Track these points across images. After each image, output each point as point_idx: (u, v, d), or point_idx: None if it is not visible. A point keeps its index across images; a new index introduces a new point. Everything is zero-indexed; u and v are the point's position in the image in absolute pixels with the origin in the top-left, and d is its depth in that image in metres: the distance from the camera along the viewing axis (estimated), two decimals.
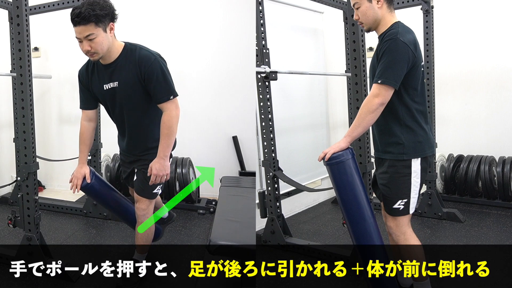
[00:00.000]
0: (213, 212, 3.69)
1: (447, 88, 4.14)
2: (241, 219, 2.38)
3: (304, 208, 4.11)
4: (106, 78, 2.17)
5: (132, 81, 2.13)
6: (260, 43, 2.87)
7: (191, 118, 4.11)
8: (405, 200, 1.97)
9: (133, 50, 2.14)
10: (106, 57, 2.12)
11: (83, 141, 2.34)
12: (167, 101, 2.12)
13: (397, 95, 1.90)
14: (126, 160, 2.44)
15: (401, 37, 1.84)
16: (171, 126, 2.13)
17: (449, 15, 4.06)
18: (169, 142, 2.16)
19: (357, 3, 1.97)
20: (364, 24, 2.01)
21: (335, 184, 1.95)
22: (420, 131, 1.95)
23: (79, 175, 2.29)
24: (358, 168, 1.94)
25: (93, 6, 1.97)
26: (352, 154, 1.91)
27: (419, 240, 2.05)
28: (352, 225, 1.96)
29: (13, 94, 3.81)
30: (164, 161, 2.17)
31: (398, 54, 1.83)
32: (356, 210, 1.93)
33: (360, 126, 1.88)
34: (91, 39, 2.00)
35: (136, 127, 2.26)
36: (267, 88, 2.94)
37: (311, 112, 4.39)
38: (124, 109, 2.22)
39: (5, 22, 3.64)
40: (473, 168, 3.86)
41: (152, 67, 2.09)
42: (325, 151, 1.91)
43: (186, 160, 3.95)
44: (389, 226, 2.05)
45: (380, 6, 1.95)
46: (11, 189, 4.19)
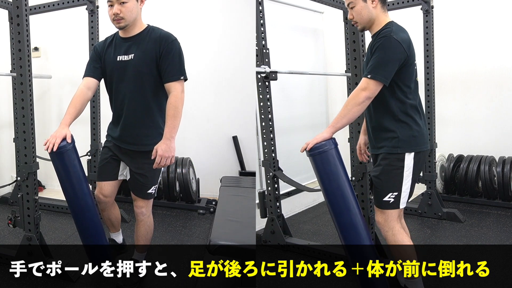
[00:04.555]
0: (213, 212, 3.69)
1: (447, 88, 4.14)
2: (241, 219, 2.38)
3: (304, 208, 4.11)
4: (122, 50, 2.17)
5: (148, 56, 2.12)
6: (260, 43, 2.87)
7: (191, 118, 4.10)
8: (396, 193, 1.98)
9: (156, 30, 2.19)
10: (129, 29, 2.14)
11: (74, 104, 2.14)
12: (176, 81, 2.11)
13: (391, 92, 1.93)
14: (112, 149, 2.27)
15: (394, 35, 1.88)
16: (177, 106, 2.09)
17: (449, 15, 4.06)
18: (175, 123, 2.08)
19: (352, 2, 2.00)
20: (358, 23, 2.04)
21: (318, 176, 1.94)
22: (414, 125, 1.97)
23: (59, 134, 2.04)
24: (341, 158, 1.94)
25: None
26: (335, 144, 1.91)
27: (408, 237, 2.05)
28: (336, 217, 1.94)
29: (13, 94, 3.82)
30: (171, 142, 2.08)
31: (390, 51, 1.86)
32: (341, 200, 1.91)
33: (345, 117, 1.90)
34: (123, 2, 2.05)
35: (136, 107, 2.17)
36: (267, 88, 2.94)
37: (311, 112, 4.39)
38: (129, 84, 2.15)
39: (5, 22, 3.64)
40: (473, 168, 3.86)
41: (172, 45, 2.12)
42: (308, 142, 1.91)
43: (186, 160, 3.95)
44: (378, 221, 2.06)
45: (375, 6, 1.98)
46: (11, 189, 4.19)
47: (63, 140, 2.04)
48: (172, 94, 2.10)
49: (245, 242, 2.02)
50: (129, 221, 3.43)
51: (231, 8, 4.11)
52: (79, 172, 2.14)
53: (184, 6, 4.19)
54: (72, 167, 2.11)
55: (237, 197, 2.87)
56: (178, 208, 3.86)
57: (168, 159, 2.07)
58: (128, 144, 2.23)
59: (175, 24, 4.17)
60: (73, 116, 2.13)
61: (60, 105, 4.58)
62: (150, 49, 2.12)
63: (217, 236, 2.04)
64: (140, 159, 2.23)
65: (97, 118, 3.63)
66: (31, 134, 2.45)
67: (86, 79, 2.22)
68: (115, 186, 2.34)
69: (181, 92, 2.11)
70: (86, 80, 2.21)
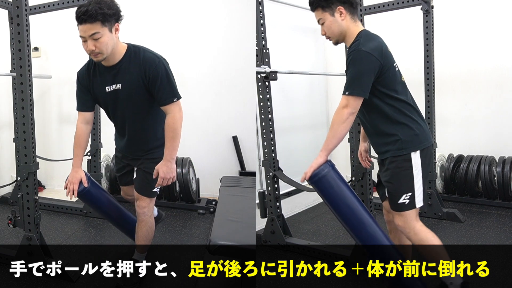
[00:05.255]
0: (213, 212, 3.69)
1: (447, 88, 4.14)
2: (241, 219, 2.38)
3: (304, 208, 4.11)
4: (108, 80, 2.15)
5: (136, 84, 2.11)
6: (260, 43, 2.87)
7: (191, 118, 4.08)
8: (410, 194, 1.96)
9: (137, 52, 2.12)
10: (110, 59, 2.09)
11: (79, 145, 2.28)
12: (171, 103, 2.12)
13: (379, 99, 1.94)
14: (123, 159, 2.43)
15: (362, 47, 1.87)
16: (175, 128, 2.13)
17: (449, 15, 4.05)
18: (175, 145, 2.15)
19: (321, 18, 2.03)
20: (331, 38, 2.05)
21: (325, 199, 1.96)
22: (414, 124, 1.97)
23: (75, 179, 2.22)
24: (341, 176, 1.95)
25: (101, 4, 1.95)
26: (331, 165, 1.93)
27: (431, 233, 2.02)
28: (356, 234, 1.96)
29: (13, 94, 3.81)
30: (171, 163, 2.17)
31: (362, 64, 1.86)
32: (354, 218, 1.93)
33: (334, 137, 1.91)
34: (96, 38, 1.98)
35: (137, 129, 2.26)
36: (267, 88, 2.94)
37: (311, 112, 4.39)
38: (126, 111, 2.21)
39: (5, 22, 3.64)
40: (473, 168, 3.86)
41: (157, 69, 2.08)
42: (305, 171, 1.92)
43: (186, 160, 3.95)
44: (397, 224, 2.03)
45: (344, 18, 1.98)
46: (11, 189, 4.19)
47: (80, 183, 2.23)
48: (169, 116, 2.14)
49: (245, 242, 2.02)
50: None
51: (231, 8, 4.11)
52: (105, 197, 2.47)
53: (184, 6, 4.18)
54: (97, 200, 2.42)
55: (237, 197, 2.87)
56: (178, 208, 3.86)
57: (170, 179, 2.19)
58: (134, 154, 2.35)
59: (175, 24, 4.20)
60: (81, 157, 2.30)
61: (60, 105, 4.58)
62: (135, 76, 2.11)
63: (217, 236, 2.05)
64: (147, 161, 2.31)
65: (97, 119, 3.63)
66: (31, 134, 2.45)
67: (81, 114, 2.28)
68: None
69: (178, 112, 2.14)
70: (81, 116, 2.28)
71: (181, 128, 2.16)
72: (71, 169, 2.27)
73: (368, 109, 1.98)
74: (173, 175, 2.19)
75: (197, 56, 4.20)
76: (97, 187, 2.43)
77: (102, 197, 2.45)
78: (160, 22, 4.20)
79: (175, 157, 2.18)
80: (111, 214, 2.56)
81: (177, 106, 2.14)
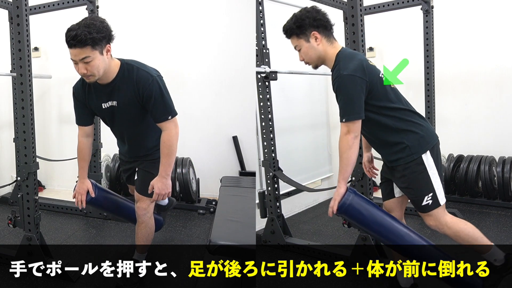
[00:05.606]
0: (213, 212, 3.69)
1: (447, 88, 4.14)
2: (241, 219, 2.38)
3: (304, 208, 4.11)
4: (104, 97, 2.17)
5: (131, 101, 2.13)
6: (260, 43, 2.87)
7: (191, 118, 4.11)
8: (431, 194, 1.97)
9: (131, 70, 2.11)
10: (103, 78, 2.09)
11: (82, 158, 2.35)
12: (166, 121, 2.13)
13: (376, 113, 1.94)
14: (126, 161, 2.48)
15: (344, 71, 1.87)
16: (171, 145, 2.15)
17: (449, 15, 4.05)
18: (170, 161, 2.18)
19: (297, 45, 2.04)
20: (309, 63, 2.06)
21: (359, 224, 2.00)
22: (417, 127, 1.97)
23: (82, 191, 2.32)
24: (364, 197, 1.98)
25: (90, 28, 1.92)
26: (352, 191, 1.94)
27: (463, 222, 2.05)
28: (400, 249, 1.99)
29: (13, 94, 3.81)
30: (166, 180, 2.20)
31: (348, 89, 1.87)
32: (391, 234, 1.96)
33: (348, 165, 1.91)
34: (87, 62, 1.96)
35: (135, 136, 2.30)
36: (267, 88, 2.94)
37: (311, 112, 4.39)
38: (123, 123, 2.25)
39: (5, 22, 3.63)
40: (473, 168, 3.86)
41: (151, 88, 2.07)
42: (330, 205, 1.92)
43: (186, 160, 3.95)
44: (429, 225, 2.04)
45: (319, 43, 1.99)
46: (11, 189, 4.19)
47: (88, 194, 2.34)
48: (165, 133, 2.15)
49: (245, 242, 2.02)
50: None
51: (231, 8, 4.11)
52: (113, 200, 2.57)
53: (184, 6, 4.18)
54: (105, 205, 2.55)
55: (237, 197, 2.87)
56: (178, 208, 3.85)
57: (165, 195, 2.24)
58: (136, 157, 2.40)
59: (176, 24, 4.20)
60: (86, 169, 2.37)
61: (60, 105, 4.58)
62: (130, 94, 2.11)
63: (217, 236, 2.05)
64: (147, 162, 2.36)
65: (97, 119, 3.62)
66: (31, 134, 2.45)
67: (81, 128, 2.32)
68: None
69: (174, 128, 2.15)
70: (81, 130, 2.32)
71: (176, 145, 2.18)
72: (78, 180, 2.35)
73: (369, 125, 1.98)
74: (168, 191, 2.23)
75: (197, 56, 4.20)
76: (104, 192, 2.52)
77: (110, 201, 2.55)
78: (160, 22, 4.20)
79: (170, 173, 2.22)
80: (121, 213, 2.63)
81: (172, 123, 2.15)
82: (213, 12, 4.16)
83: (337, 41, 2.04)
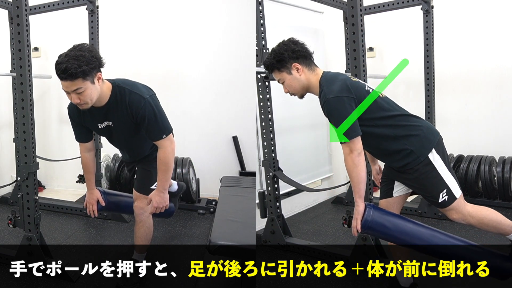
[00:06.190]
0: (213, 212, 3.69)
1: (447, 88, 4.13)
2: (241, 219, 2.38)
3: (304, 208, 4.10)
4: (100, 118, 2.20)
5: (126, 123, 2.17)
6: (260, 43, 2.87)
7: (191, 118, 4.11)
8: (445, 190, 1.98)
9: (122, 93, 2.11)
10: (97, 102, 2.10)
11: (88, 170, 2.42)
12: (161, 139, 2.16)
13: (374, 126, 1.95)
14: (128, 162, 2.56)
15: (329, 95, 1.90)
16: (167, 162, 2.19)
17: (449, 15, 4.05)
18: (167, 177, 2.23)
19: (281, 79, 2.07)
20: (295, 94, 2.09)
21: (385, 237, 2.02)
22: (416, 130, 1.97)
23: (92, 201, 2.43)
24: (384, 210, 2.00)
25: (79, 61, 1.90)
26: (372, 207, 1.95)
27: (484, 208, 2.07)
28: (432, 252, 2.00)
29: (13, 94, 3.81)
30: (164, 194, 2.26)
31: (339, 111, 1.89)
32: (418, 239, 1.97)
33: (359, 183, 1.91)
34: (79, 92, 1.97)
35: (133, 147, 2.37)
36: (267, 88, 2.94)
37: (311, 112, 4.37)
38: (121, 139, 2.32)
39: (5, 22, 3.63)
40: (473, 168, 3.86)
41: (144, 111, 2.09)
42: (353, 225, 1.93)
43: (186, 160, 3.95)
44: (454, 218, 2.03)
45: (301, 73, 2.02)
46: (11, 189, 4.19)
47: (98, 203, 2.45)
48: (161, 150, 2.19)
49: (245, 242, 2.02)
50: (129, 221, 3.44)
51: (231, 8, 4.11)
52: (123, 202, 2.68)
53: (184, 6, 4.18)
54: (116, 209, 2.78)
55: (237, 197, 2.87)
56: (178, 208, 3.81)
57: (163, 208, 2.29)
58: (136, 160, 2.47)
59: (175, 24, 4.20)
60: (93, 180, 2.45)
61: (60, 105, 4.58)
62: (124, 116, 2.14)
63: (217, 236, 2.05)
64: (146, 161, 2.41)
65: None
66: (31, 134, 2.45)
67: (81, 144, 2.37)
68: None
69: (170, 145, 2.19)
70: (82, 146, 2.38)
71: (173, 161, 2.24)
72: (87, 191, 2.45)
73: (369, 139, 1.98)
74: (166, 204, 2.27)
75: (197, 56, 4.20)
76: (113, 197, 2.63)
77: (120, 203, 2.66)
78: (160, 22, 4.20)
79: (167, 188, 2.28)
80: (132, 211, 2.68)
81: (168, 141, 2.17)
82: (213, 12, 4.16)
83: (318, 67, 2.06)
